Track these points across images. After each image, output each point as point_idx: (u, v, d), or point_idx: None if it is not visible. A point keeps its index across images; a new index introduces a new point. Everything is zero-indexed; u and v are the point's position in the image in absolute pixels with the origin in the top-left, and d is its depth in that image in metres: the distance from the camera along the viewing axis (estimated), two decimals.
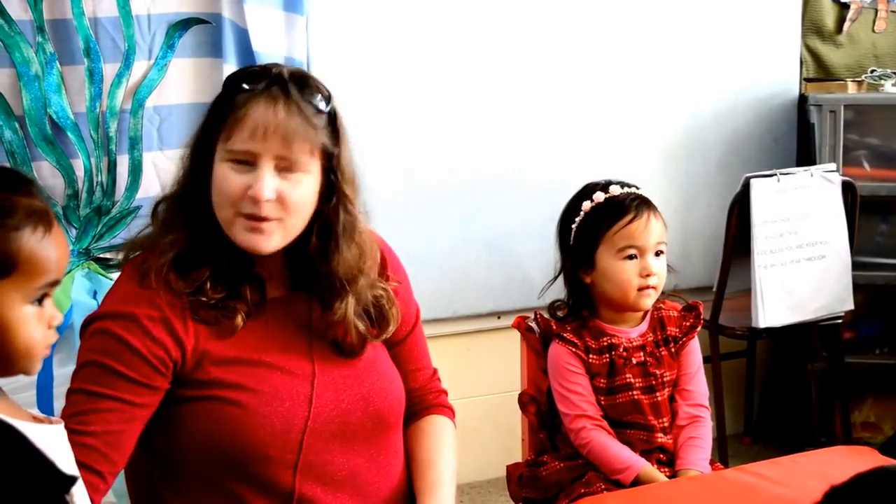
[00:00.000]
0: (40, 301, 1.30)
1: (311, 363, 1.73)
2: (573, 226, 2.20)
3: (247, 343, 1.69)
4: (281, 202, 1.62)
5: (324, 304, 1.75)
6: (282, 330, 1.73)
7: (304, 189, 1.65)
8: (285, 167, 1.63)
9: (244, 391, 1.65)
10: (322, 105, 1.67)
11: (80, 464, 1.41)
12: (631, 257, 2.13)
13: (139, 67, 2.62)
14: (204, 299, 1.66)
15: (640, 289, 2.13)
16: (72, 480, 1.27)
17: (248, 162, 1.61)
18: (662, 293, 2.23)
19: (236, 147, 1.61)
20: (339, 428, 1.71)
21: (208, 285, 1.67)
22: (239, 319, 1.68)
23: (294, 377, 1.70)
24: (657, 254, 2.14)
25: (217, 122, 1.65)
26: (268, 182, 1.61)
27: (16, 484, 1.19)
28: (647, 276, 2.12)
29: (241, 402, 1.65)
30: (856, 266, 3.41)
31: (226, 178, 1.62)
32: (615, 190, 2.17)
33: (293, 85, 1.65)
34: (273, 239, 1.65)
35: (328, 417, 1.70)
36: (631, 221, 2.12)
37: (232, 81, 1.69)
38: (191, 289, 1.66)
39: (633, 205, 2.14)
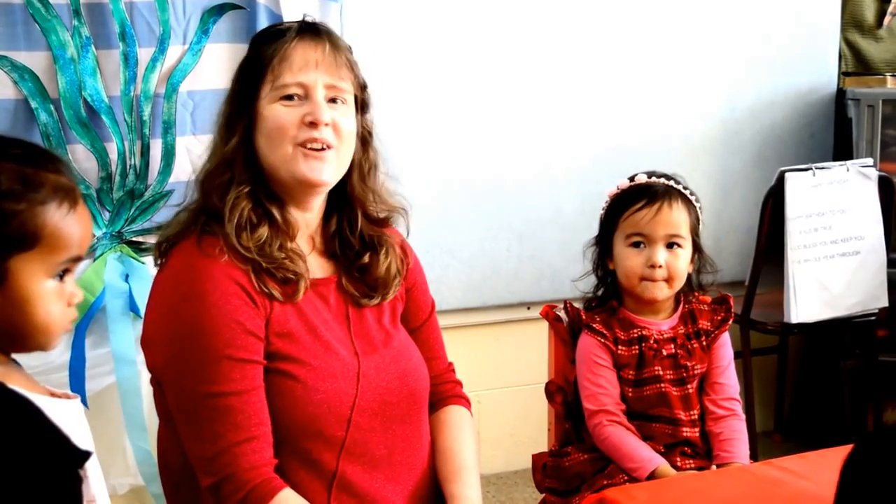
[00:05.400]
0: (61, 277, 1.32)
1: (353, 343, 1.78)
2: (601, 212, 2.20)
3: (300, 317, 1.74)
4: (335, 129, 1.74)
5: (362, 268, 1.84)
6: (325, 309, 1.78)
7: (350, 121, 1.78)
8: (333, 97, 1.75)
9: (301, 365, 1.70)
10: (351, 48, 1.82)
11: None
12: (637, 245, 2.11)
13: (174, 52, 2.63)
14: (267, 262, 1.71)
15: (644, 278, 2.10)
16: (86, 456, 1.27)
17: (298, 96, 1.72)
18: (700, 288, 2.21)
19: (287, 81, 1.72)
20: (381, 407, 1.76)
21: (269, 243, 1.73)
22: (301, 286, 1.74)
23: (343, 354, 1.75)
24: (671, 245, 2.11)
25: (257, 73, 1.74)
26: (324, 106, 1.72)
27: (31, 457, 1.19)
28: (652, 266, 2.09)
29: (298, 377, 1.69)
30: (892, 263, 3.37)
31: (279, 114, 1.72)
32: (641, 178, 2.15)
33: (324, 27, 1.80)
34: (329, 167, 1.75)
35: (372, 395, 1.75)
36: (640, 209, 2.10)
37: (260, 37, 1.80)
38: (257, 247, 1.71)
39: (648, 192, 2.11)
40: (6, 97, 2.50)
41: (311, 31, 1.76)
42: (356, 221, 1.85)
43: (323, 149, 1.73)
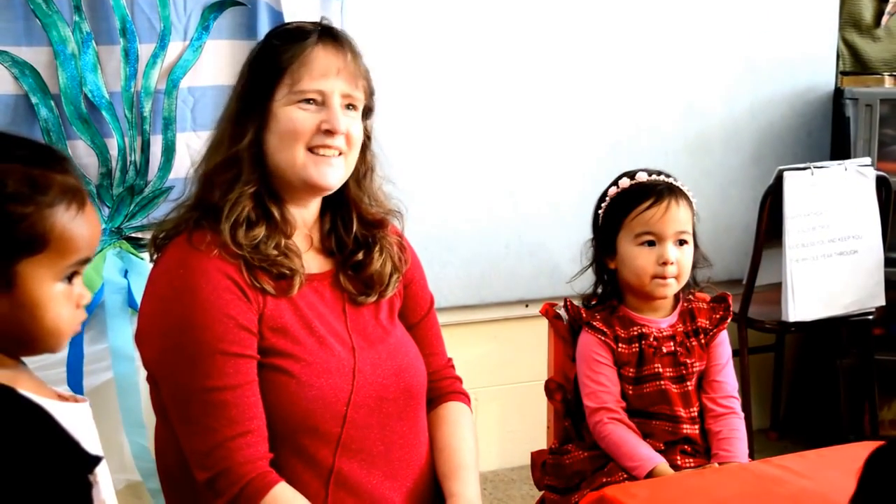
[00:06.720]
0: (70, 279, 1.29)
1: (350, 338, 1.78)
2: (600, 212, 2.21)
3: (295, 312, 1.74)
4: (347, 137, 1.76)
5: (356, 265, 1.85)
6: (321, 304, 1.79)
7: (359, 127, 1.80)
8: (348, 104, 1.77)
9: (296, 361, 1.71)
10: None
11: None
12: (648, 244, 2.11)
13: (174, 48, 2.63)
14: (259, 259, 1.71)
15: (656, 277, 2.11)
16: (96, 460, 1.26)
17: (315, 101, 1.74)
18: (696, 285, 2.22)
19: (307, 87, 1.73)
20: (377, 403, 1.77)
21: (265, 241, 1.74)
22: (296, 281, 1.75)
23: (338, 350, 1.75)
24: (680, 243, 2.12)
25: (273, 73, 1.74)
26: (341, 115, 1.74)
27: (41, 463, 1.17)
28: (664, 264, 2.10)
29: (292, 372, 1.70)
30: (889, 262, 3.38)
31: (295, 118, 1.73)
32: (642, 177, 2.16)
33: (344, 34, 1.80)
34: (338, 172, 1.78)
35: (368, 391, 1.75)
36: (649, 207, 2.10)
37: (277, 36, 1.80)
38: (251, 245, 1.72)
39: (654, 191, 2.12)
40: (7, 92, 2.49)
41: (332, 37, 1.77)
42: (351, 222, 1.86)
43: (335, 150, 1.76)
